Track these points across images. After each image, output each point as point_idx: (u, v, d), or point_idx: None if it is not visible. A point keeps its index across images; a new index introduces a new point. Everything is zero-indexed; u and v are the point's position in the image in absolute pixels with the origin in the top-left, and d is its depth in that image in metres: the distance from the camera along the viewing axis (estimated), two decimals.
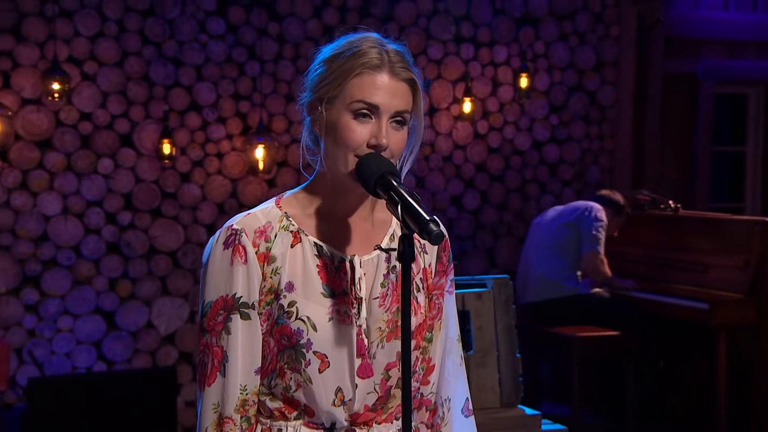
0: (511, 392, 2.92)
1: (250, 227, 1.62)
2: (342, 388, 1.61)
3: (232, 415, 1.59)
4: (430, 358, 1.75)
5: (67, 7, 5.13)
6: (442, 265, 1.77)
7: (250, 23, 5.59)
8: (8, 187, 5.01)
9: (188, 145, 5.42)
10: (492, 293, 2.93)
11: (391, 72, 1.59)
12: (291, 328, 1.59)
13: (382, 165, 1.55)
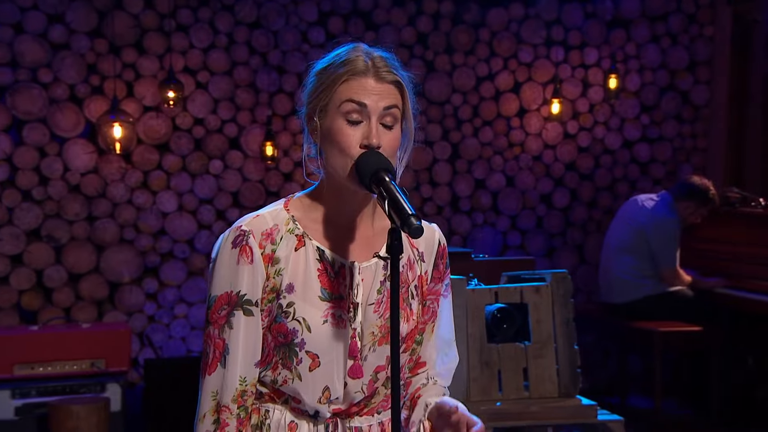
0: (569, 383, 2.94)
1: (257, 229, 1.64)
2: (329, 387, 1.62)
3: (228, 404, 1.61)
4: (419, 356, 1.76)
5: (183, 21, 5.41)
6: (439, 272, 1.77)
7: (349, 32, 5.74)
8: (131, 187, 5.33)
9: (290, 147, 5.63)
10: (550, 287, 2.96)
11: (376, 75, 1.61)
12: (287, 327, 1.61)
13: (378, 162, 1.55)
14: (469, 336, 2.88)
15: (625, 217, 5.58)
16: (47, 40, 5.15)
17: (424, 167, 5.94)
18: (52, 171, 5.15)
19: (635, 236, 5.43)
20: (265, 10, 5.57)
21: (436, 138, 5.96)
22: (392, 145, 1.62)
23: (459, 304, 2.89)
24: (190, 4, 5.42)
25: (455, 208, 6.03)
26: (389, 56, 1.68)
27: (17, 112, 5.10)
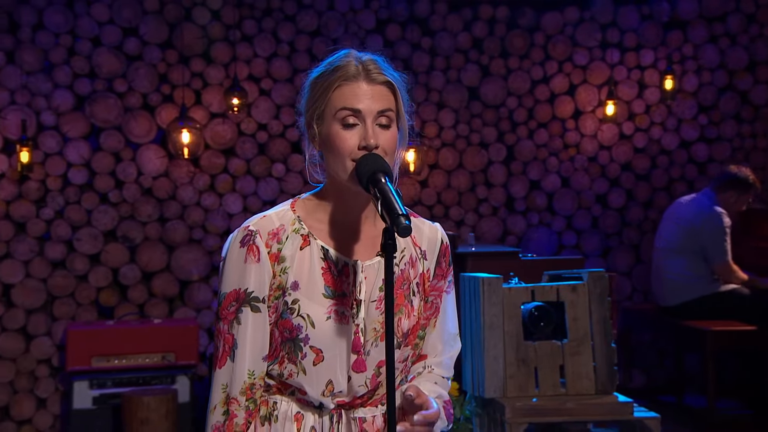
0: (606, 380, 2.92)
1: (264, 229, 1.66)
2: (333, 381, 1.64)
3: (237, 396, 1.63)
4: (420, 351, 1.76)
5: (248, 32, 5.55)
6: (441, 269, 1.77)
7: (405, 39, 5.80)
8: (199, 189, 5.49)
9: None
10: (587, 286, 2.95)
11: (367, 79, 1.62)
12: (292, 323, 1.63)
13: (375, 164, 1.56)
14: (506, 333, 2.89)
15: (672, 218, 5.48)
16: (122, 52, 5.35)
17: (479, 169, 5.95)
18: (126, 175, 5.34)
19: (684, 236, 5.33)
20: (325, 19, 5.66)
21: (492, 140, 5.96)
22: (390, 144, 1.63)
23: (495, 303, 2.90)
24: (254, 15, 5.56)
25: (510, 208, 6.02)
26: (380, 59, 1.69)
27: (95, 120, 5.31)
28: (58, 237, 5.24)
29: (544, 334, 2.93)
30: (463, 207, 5.93)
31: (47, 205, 5.23)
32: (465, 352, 3.06)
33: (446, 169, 5.90)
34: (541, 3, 5.97)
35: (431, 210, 5.88)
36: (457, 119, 5.91)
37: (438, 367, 1.78)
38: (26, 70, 5.19)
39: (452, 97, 5.87)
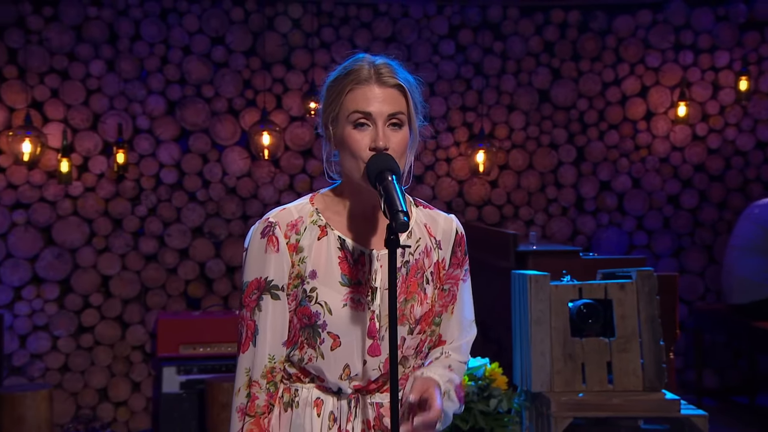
0: (654, 377, 2.87)
1: (283, 221, 1.68)
2: (349, 365, 1.66)
3: (258, 379, 1.66)
4: (440, 335, 1.77)
5: (326, 39, 5.67)
6: (457, 259, 1.78)
7: (477, 43, 5.80)
8: (279, 189, 5.64)
9: (422, 151, 5.75)
10: (635, 284, 2.90)
11: (378, 82, 1.63)
12: (311, 310, 1.65)
13: (383, 163, 1.58)
14: (553, 329, 2.87)
15: (751, 218, 5.30)
16: (210, 59, 5.54)
17: (549, 170, 5.90)
18: (212, 175, 5.53)
19: (762, 236, 5.15)
20: (399, 26, 5.73)
21: (562, 142, 5.90)
22: (400, 145, 1.64)
23: (542, 299, 2.89)
24: (332, 23, 5.67)
25: (580, 208, 5.94)
26: (393, 63, 1.70)
27: (185, 123, 5.52)
28: (150, 233, 5.47)
29: (593, 331, 2.90)
30: (533, 207, 5.89)
31: (141, 203, 5.46)
32: (514, 347, 3.06)
33: (516, 169, 5.88)
34: (613, 6, 5.87)
35: (501, 210, 5.87)
36: (528, 121, 5.87)
37: (455, 352, 1.78)
38: (124, 78, 5.44)
39: (523, 99, 5.84)
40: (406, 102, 1.65)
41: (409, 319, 1.68)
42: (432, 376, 1.68)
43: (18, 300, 5.30)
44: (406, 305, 1.68)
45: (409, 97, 1.66)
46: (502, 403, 2.86)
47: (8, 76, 5.29)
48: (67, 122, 5.36)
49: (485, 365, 2.96)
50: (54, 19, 5.34)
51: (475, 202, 5.80)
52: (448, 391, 1.70)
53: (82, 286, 5.38)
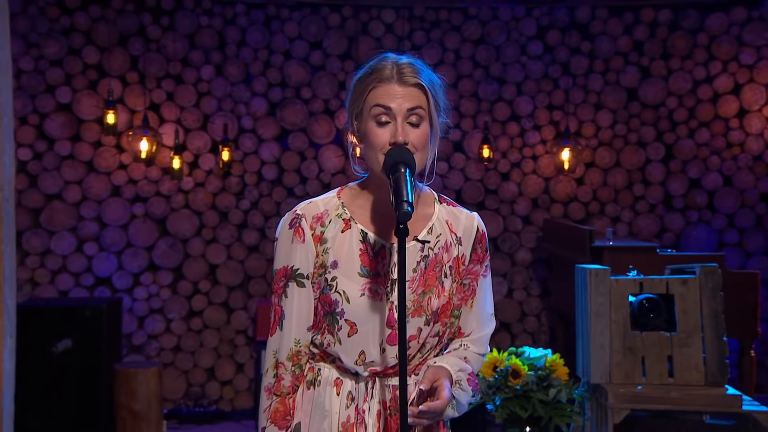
0: (716, 372, 2.76)
1: (309, 213, 1.72)
2: (365, 351, 1.67)
3: (284, 361, 1.70)
4: (459, 327, 1.78)
5: (417, 42, 5.71)
6: (477, 255, 1.78)
7: (565, 43, 5.70)
8: None
9: (508, 149, 5.71)
10: (698, 280, 2.80)
11: (399, 81, 1.65)
12: (331, 298, 1.68)
13: (399, 156, 1.59)
14: (613, 322, 2.81)
15: None
16: (309, 63, 5.69)
17: (636, 167, 5.73)
18: (309, 172, 5.68)
19: None
20: (488, 28, 5.70)
21: (650, 139, 5.72)
22: (420, 140, 1.65)
23: (602, 293, 2.84)
24: (423, 26, 5.71)
25: (668, 206, 5.74)
26: (416, 62, 1.70)
27: (285, 123, 5.70)
28: (253, 225, 5.67)
29: (655, 325, 2.82)
30: (620, 204, 5.74)
31: (245, 197, 5.67)
32: (577, 339, 3.02)
33: (603, 167, 5.75)
34: (705, 5, 5.64)
35: (587, 206, 5.75)
36: (615, 119, 5.73)
37: (473, 344, 1.79)
38: (231, 81, 5.66)
39: (610, 98, 5.70)
40: (427, 100, 1.66)
41: (426, 310, 1.69)
42: (444, 366, 1.69)
43: (137, 285, 5.61)
44: (423, 297, 1.69)
45: (429, 96, 1.66)
46: (561, 393, 2.82)
47: (130, 81, 5.60)
48: (180, 123, 5.63)
49: (546, 356, 2.93)
50: (170, 28, 5.62)
51: (560, 198, 5.71)
52: (460, 381, 1.70)
53: (193, 273, 5.64)
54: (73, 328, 4.97)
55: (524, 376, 2.82)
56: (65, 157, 5.52)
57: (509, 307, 5.71)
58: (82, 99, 5.52)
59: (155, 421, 4.85)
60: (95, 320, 5.02)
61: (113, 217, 5.58)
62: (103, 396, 4.99)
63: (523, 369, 2.82)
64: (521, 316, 5.76)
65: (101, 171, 5.55)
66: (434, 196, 1.81)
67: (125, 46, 5.57)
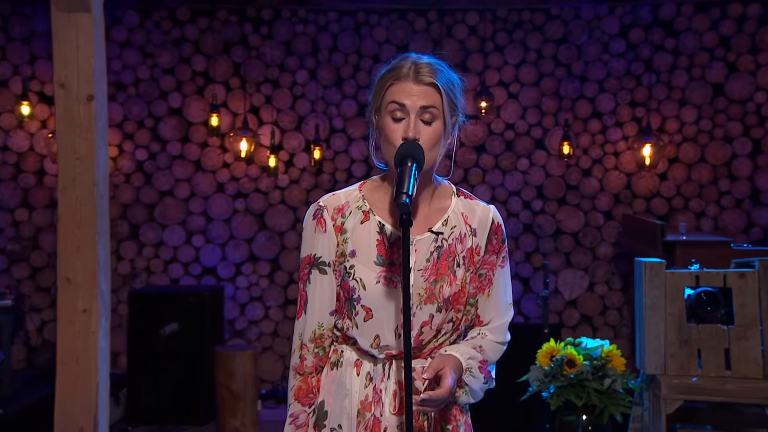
0: None
1: (331, 205, 1.75)
2: (380, 335, 1.69)
3: (307, 343, 1.75)
4: (478, 315, 1.78)
5: (500, 43, 5.70)
6: (492, 246, 1.78)
7: (648, 41, 5.55)
8: (454, 182, 5.73)
9: (590, 146, 5.61)
10: (757, 273, 2.69)
11: (415, 79, 1.65)
12: (349, 285, 1.71)
13: (408, 150, 1.60)
14: (668, 315, 2.75)
15: None
16: None
17: (722, 162, 5.51)
18: None
19: None
20: (570, 27, 5.62)
21: (736, 135, 5.48)
22: (431, 137, 1.66)
23: (657, 285, 2.78)
24: (506, 27, 5.69)
25: (756, 201, 5.49)
26: (435, 62, 1.70)
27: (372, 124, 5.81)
28: None
29: (713, 318, 2.74)
30: (704, 199, 5.53)
31: None
32: (636, 331, 2.97)
33: (687, 162, 5.56)
34: None
35: (670, 202, 5.58)
36: (700, 115, 5.52)
37: (491, 333, 1.79)
38: (323, 85, 5.83)
39: (695, 94, 5.50)
40: (441, 99, 1.66)
41: (438, 298, 1.71)
42: (453, 354, 1.70)
43: (238, 275, 5.88)
44: (435, 285, 1.71)
45: (443, 95, 1.67)
46: (616, 383, 2.79)
47: (233, 86, 5.87)
48: (277, 124, 5.85)
49: (602, 346, 2.90)
50: (269, 36, 5.84)
51: (643, 194, 5.56)
52: (471, 368, 1.70)
53: (288, 264, 5.85)
54: (180, 313, 5.27)
55: (579, 365, 2.80)
56: (176, 156, 5.85)
57: (590, 301, 5.62)
58: (191, 104, 5.83)
59: (251, 400, 5.07)
60: (198, 307, 5.30)
61: (218, 212, 5.87)
62: (205, 375, 5.27)
63: (579, 358, 2.81)
64: (603, 309, 5.65)
65: (207, 169, 5.85)
66: (453, 189, 1.82)
67: (229, 54, 5.84)
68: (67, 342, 2.85)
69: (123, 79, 5.81)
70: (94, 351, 2.85)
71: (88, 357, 2.85)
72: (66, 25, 2.75)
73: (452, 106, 1.70)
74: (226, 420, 5.12)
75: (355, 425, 1.72)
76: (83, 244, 2.79)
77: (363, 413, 1.72)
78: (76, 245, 2.79)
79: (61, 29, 2.75)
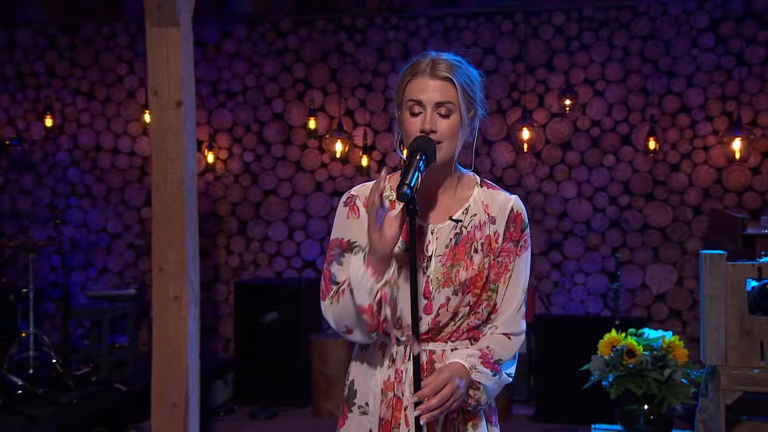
0: None
1: (362, 194, 1.79)
2: (402, 318, 1.71)
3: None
4: (495, 303, 1.77)
5: (586, 41, 5.59)
6: (510, 234, 1.77)
7: (739, 34, 5.29)
8: (540, 178, 5.70)
9: (678, 141, 5.41)
10: None
11: (431, 75, 1.66)
12: None
13: (419, 144, 1.62)
14: (729, 306, 2.65)
15: None
16: (482, 67, 5.78)
17: None
18: (483, 166, 5.78)
19: None
20: (658, 24, 5.44)
21: None
22: (448, 130, 1.67)
23: (717, 277, 2.68)
24: (592, 26, 5.57)
25: None
26: (452, 58, 1.71)
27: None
28: None
29: None
30: None
31: None
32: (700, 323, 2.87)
33: None
34: None
35: (763, 196, 5.30)
36: None
37: (502, 326, 1.78)
38: None
39: None
40: (457, 93, 1.68)
41: (454, 282, 1.72)
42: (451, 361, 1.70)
43: None
44: (452, 270, 1.72)
45: (459, 90, 1.68)
46: (677, 373, 2.71)
47: (329, 91, 6.06)
48: (370, 126, 5.98)
49: (663, 337, 2.82)
50: (363, 43, 5.99)
51: (734, 188, 5.31)
52: (475, 365, 1.70)
53: None
54: (280, 303, 5.51)
55: (639, 355, 2.74)
56: (279, 158, 6.10)
57: (680, 295, 5.42)
58: (292, 108, 6.06)
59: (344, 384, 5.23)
60: (296, 297, 5.52)
61: (316, 209, 6.07)
62: (303, 361, 5.48)
63: (638, 349, 2.75)
64: (692, 303, 5.44)
65: (307, 169, 6.06)
66: (477, 180, 1.83)
67: (326, 61, 6.03)
68: (161, 326, 3.07)
69: (232, 88, 6.12)
70: (185, 334, 3.05)
71: (179, 340, 3.06)
72: (158, 39, 2.97)
73: (469, 100, 1.71)
74: (321, 403, 5.31)
75: (379, 403, 1.76)
76: (174, 238, 3.00)
77: (386, 392, 1.76)
78: (168, 239, 3.01)
79: (154, 42, 2.98)
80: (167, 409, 3.08)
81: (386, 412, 1.75)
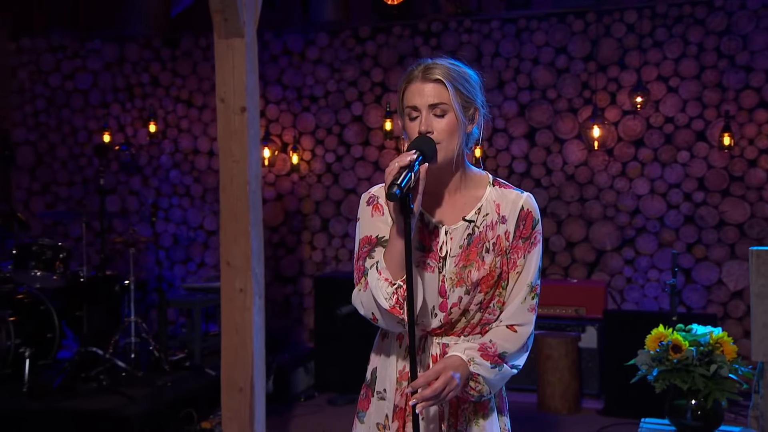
0: None
1: (381, 195, 1.81)
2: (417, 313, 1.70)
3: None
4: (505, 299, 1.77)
5: (659, 38, 5.42)
6: (520, 231, 1.77)
7: None
8: (613, 175, 5.57)
9: (756, 136, 5.16)
10: None
11: (423, 79, 1.69)
12: None
13: (417, 144, 1.65)
14: None
15: None
16: (554, 67, 5.72)
17: None
18: (554, 164, 5.71)
19: None
20: (735, 18, 5.21)
21: None
22: (445, 129, 1.69)
23: (764, 273, 2.58)
24: (666, 23, 5.40)
25: None
26: (444, 61, 1.73)
27: (532, 122, 5.80)
28: None
29: None
30: None
31: None
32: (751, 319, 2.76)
33: None
34: None
35: None
36: None
37: (507, 318, 1.78)
38: (486, 88, 5.87)
39: None
40: (449, 94, 1.69)
41: (466, 281, 1.74)
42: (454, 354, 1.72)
43: None
44: (464, 270, 1.74)
45: (450, 90, 1.69)
46: (723, 369, 2.62)
47: None
48: None
49: (710, 333, 2.72)
50: (437, 47, 6.03)
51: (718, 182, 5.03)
52: (473, 358, 1.71)
53: None
54: None
55: (685, 350, 2.67)
56: (358, 158, 6.23)
57: None
58: (370, 111, 6.19)
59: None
60: None
61: None
62: None
63: (684, 344, 2.68)
64: None
65: (384, 169, 6.15)
66: (489, 179, 1.84)
67: (402, 65, 6.11)
68: (228, 316, 3.23)
69: (315, 93, 6.30)
70: (250, 324, 3.20)
71: (244, 329, 3.21)
72: (225, 49, 3.14)
73: (465, 99, 1.72)
74: None
75: (394, 391, 1.81)
76: (239, 234, 3.16)
77: (401, 381, 1.80)
78: (234, 235, 3.17)
79: (221, 52, 3.14)
80: (235, 393, 3.24)
81: (400, 400, 1.80)
